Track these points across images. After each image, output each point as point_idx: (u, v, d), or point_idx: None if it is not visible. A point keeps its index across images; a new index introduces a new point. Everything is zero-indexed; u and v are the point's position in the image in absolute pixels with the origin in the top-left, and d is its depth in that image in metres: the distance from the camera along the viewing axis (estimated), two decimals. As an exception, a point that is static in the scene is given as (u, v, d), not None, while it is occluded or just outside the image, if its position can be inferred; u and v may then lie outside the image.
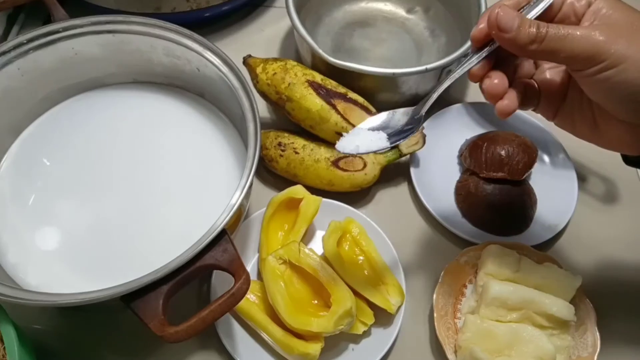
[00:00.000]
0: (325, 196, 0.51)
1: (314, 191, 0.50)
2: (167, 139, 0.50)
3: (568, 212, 0.54)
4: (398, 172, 0.57)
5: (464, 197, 0.54)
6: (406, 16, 0.67)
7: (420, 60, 0.63)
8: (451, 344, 0.46)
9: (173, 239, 0.42)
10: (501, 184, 0.53)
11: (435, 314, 0.46)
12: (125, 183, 0.47)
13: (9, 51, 0.45)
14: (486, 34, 0.33)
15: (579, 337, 0.46)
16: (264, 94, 0.54)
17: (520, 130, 0.58)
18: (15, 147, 0.49)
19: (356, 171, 0.52)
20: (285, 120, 0.55)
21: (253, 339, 0.45)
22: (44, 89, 0.50)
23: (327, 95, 0.52)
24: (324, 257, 0.46)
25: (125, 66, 0.52)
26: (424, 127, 0.54)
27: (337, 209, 0.52)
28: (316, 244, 0.51)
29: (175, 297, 0.36)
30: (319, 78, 0.53)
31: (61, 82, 0.50)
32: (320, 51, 0.53)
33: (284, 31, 0.68)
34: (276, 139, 0.53)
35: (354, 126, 0.47)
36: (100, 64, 0.51)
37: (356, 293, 0.45)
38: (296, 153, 0.52)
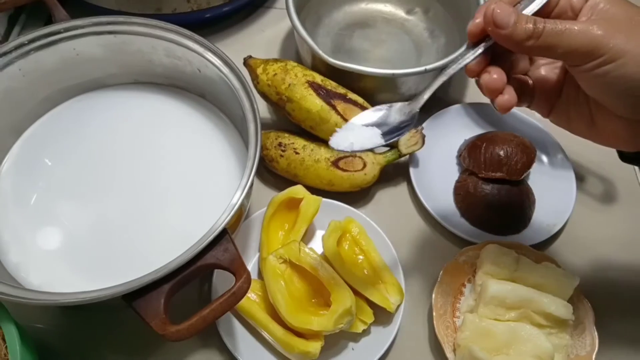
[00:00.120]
0: (325, 196, 0.51)
1: (314, 191, 0.50)
2: (168, 140, 0.50)
3: (566, 212, 0.54)
4: (397, 172, 0.57)
5: (463, 197, 0.54)
6: (406, 17, 0.67)
7: (419, 61, 0.63)
8: (450, 342, 0.46)
9: (174, 239, 0.42)
10: (500, 184, 0.53)
11: (434, 313, 0.46)
12: (127, 183, 0.47)
13: (10, 52, 0.45)
14: (482, 29, 0.32)
15: (577, 336, 0.46)
16: (264, 95, 0.54)
17: (519, 130, 0.58)
18: (17, 148, 0.49)
19: (356, 171, 0.52)
20: (286, 120, 0.55)
21: (254, 338, 0.46)
22: (45, 89, 0.50)
23: (327, 95, 0.52)
24: (324, 257, 0.46)
25: (126, 67, 0.52)
26: (423, 127, 0.54)
27: (337, 208, 0.52)
28: (316, 244, 0.51)
29: (177, 296, 0.36)
30: (319, 79, 0.53)
31: (62, 83, 0.51)
32: (320, 52, 0.53)
33: (284, 32, 0.68)
34: (277, 139, 0.54)
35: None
36: (102, 65, 0.51)
37: (356, 292, 0.45)
38: (296, 153, 0.52)
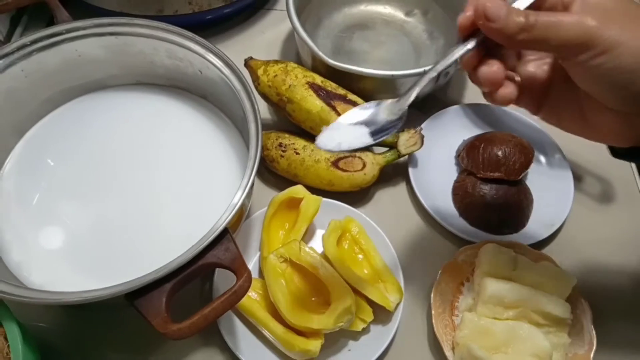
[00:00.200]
0: (325, 196, 0.51)
1: (314, 191, 0.51)
2: (169, 140, 0.50)
3: (564, 212, 0.54)
4: (397, 172, 0.57)
5: (462, 197, 0.55)
6: (405, 19, 0.67)
7: (418, 63, 0.63)
8: (449, 341, 0.46)
9: (176, 239, 0.42)
10: (498, 184, 0.53)
11: (433, 312, 0.47)
12: (128, 183, 0.48)
13: (13, 53, 0.45)
14: (473, 22, 0.31)
15: (575, 334, 0.46)
16: (265, 96, 0.54)
17: (517, 131, 0.58)
18: (19, 148, 0.49)
19: (355, 171, 0.52)
20: (286, 121, 0.56)
21: (254, 336, 0.46)
22: (47, 90, 0.50)
23: (327, 96, 0.52)
24: (324, 256, 0.47)
25: (128, 68, 0.52)
26: (422, 128, 0.54)
27: (337, 208, 0.52)
28: (316, 243, 0.51)
29: (178, 295, 0.36)
30: (319, 80, 0.53)
31: (64, 84, 0.51)
32: (320, 53, 0.53)
33: (284, 34, 0.68)
34: (277, 139, 0.54)
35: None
36: (103, 66, 0.51)
37: (355, 291, 0.45)
38: (297, 154, 0.53)
